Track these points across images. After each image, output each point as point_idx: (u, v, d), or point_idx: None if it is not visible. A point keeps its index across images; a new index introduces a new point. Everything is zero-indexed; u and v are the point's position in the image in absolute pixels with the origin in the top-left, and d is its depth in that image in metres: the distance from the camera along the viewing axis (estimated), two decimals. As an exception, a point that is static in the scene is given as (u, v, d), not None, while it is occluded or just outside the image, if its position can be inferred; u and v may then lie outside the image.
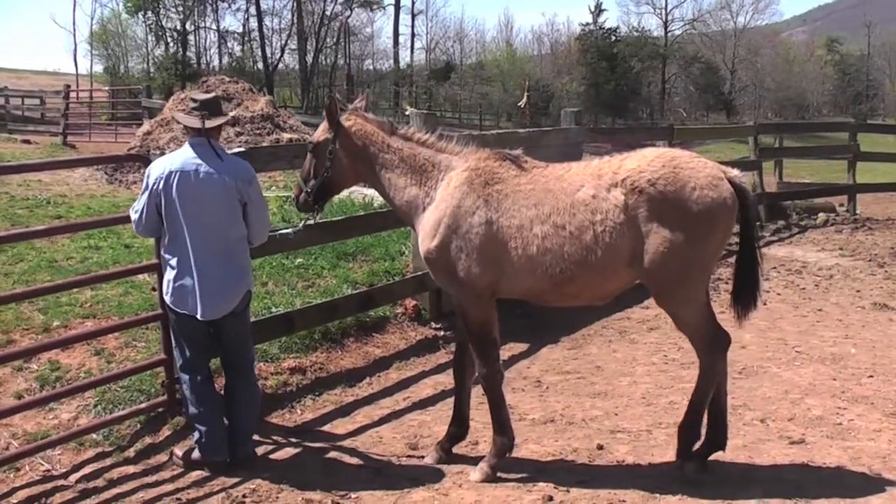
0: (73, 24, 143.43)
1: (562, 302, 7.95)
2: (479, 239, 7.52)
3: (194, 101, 8.22)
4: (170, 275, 7.92)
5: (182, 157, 7.93)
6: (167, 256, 7.93)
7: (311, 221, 8.73)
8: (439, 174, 7.92)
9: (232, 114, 9.37)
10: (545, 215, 7.38)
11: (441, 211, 7.69)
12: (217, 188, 7.86)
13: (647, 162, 7.32)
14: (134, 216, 8.02)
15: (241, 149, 9.47)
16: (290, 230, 9.17)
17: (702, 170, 7.27)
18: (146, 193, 7.86)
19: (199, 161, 7.88)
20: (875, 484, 7.52)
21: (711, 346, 7.52)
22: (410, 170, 8.01)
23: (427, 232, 7.79)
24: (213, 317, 7.94)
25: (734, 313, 7.93)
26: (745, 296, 7.90)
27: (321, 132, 8.28)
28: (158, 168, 7.86)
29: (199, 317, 7.87)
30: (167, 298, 7.97)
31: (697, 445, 7.80)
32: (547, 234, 7.35)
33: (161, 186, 7.77)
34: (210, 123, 8.06)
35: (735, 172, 7.46)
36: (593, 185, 7.34)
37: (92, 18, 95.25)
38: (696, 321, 7.49)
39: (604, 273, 7.38)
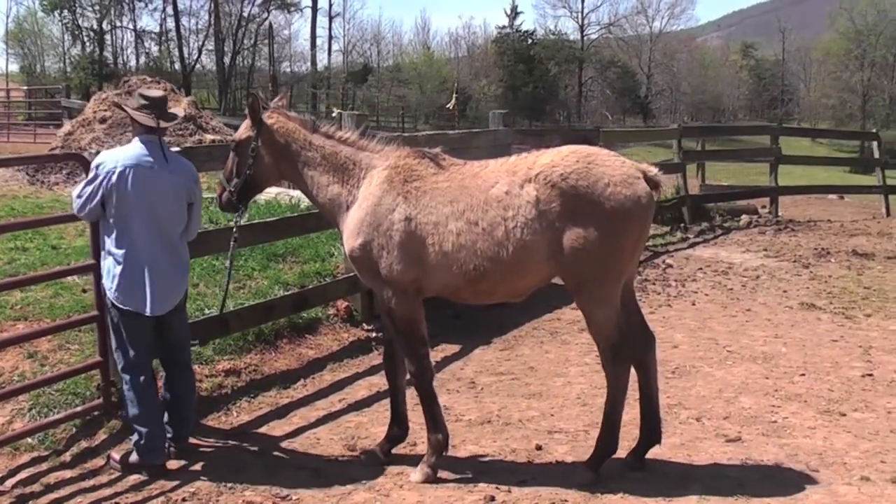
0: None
1: (477, 299, 7.95)
2: (399, 236, 7.53)
3: (145, 98, 8.15)
4: (115, 269, 7.81)
5: (133, 152, 7.89)
6: (114, 251, 7.82)
7: (235, 224, 8.76)
8: (361, 172, 7.92)
9: (182, 114, 9.32)
10: (459, 212, 7.39)
11: (363, 209, 7.69)
12: (169, 186, 7.91)
13: (562, 157, 7.30)
14: (77, 201, 7.92)
15: (177, 148, 9.39)
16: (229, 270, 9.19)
17: (618, 167, 7.24)
18: (94, 183, 7.78)
19: (151, 158, 7.87)
20: (813, 480, 7.61)
21: (615, 357, 7.44)
22: (332, 167, 8.00)
23: (351, 231, 7.79)
24: (161, 311, 7.91)
25: None
26: None
27: (243, 130, 8.27)
28: (110, 161, 7.79)
29: (148, 312, 7.82)
30: (112, 295, 7.86)
31: (637, 444, 7.87)
32: (461, 231, 7.36)
33: (114, 179, 7.71)
34: (164, 123, 8.10)
35: (654, 170, 7.44)
36: (507, 181, 7.34)
37: (7, 16, 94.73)
38: (607, 326, 7.41)
39: (516, 270, 7.37)
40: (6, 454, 8.21)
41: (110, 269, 7.88)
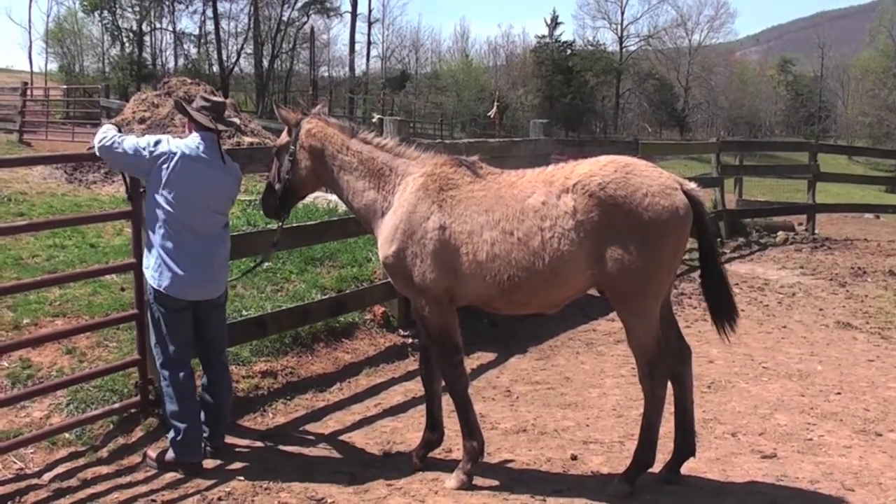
0: (29, 21, 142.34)
1: (511, 309, 7.92)
2: (433, 244, 7.52)
3: (206, 100, 8.35)
4: (163, 256, 7.90)
5: (193, 144, 8.07)
6: (162, 239, 7.90)
7: (279, 229, 8.97)
8: (397, 179, 7.93)
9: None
10: (495, 221, 7.37)
11: (398, 216, 7.70)
12: (223, 182, 8.12)
13: (600, 167, 7.27)
14: (116, 139, 8.01)
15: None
16: (254, 267, 9.39)
17: (656, 178, 7.22)
18: (150, 147, 7.89)
19: (209, 155, 8.05)
20: (849, 499, 7.57)
21: (652, 372, 7.40)
22: (369, 173, 8.02)
23: (385, 238, 7.81)
24: (203, 297, 8.06)
25: (719, 330, 7.86)
26: (725, 308, 7.86)
27: (283, 136, 8.35)
28: (172, 144, 7.98)
29: (192, 298, 8.00)
30: (157, 283, 7.93)
31: (671, 458, 7.87)
32: (495, 241, 7.33)
33: (171, 163, 7.86)
34: (222, 127, 8.27)
35: (692, 185, 7.41)
36: (544, 191, 7.31)
37: (48, 16, 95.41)
38: (646, 339, 7.36)
39: (552, 280, 7.33)
40: (44, 448, 8.27)
41: (156, 260, 7.94)
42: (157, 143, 7.95)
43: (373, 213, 8.03)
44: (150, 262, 8.04)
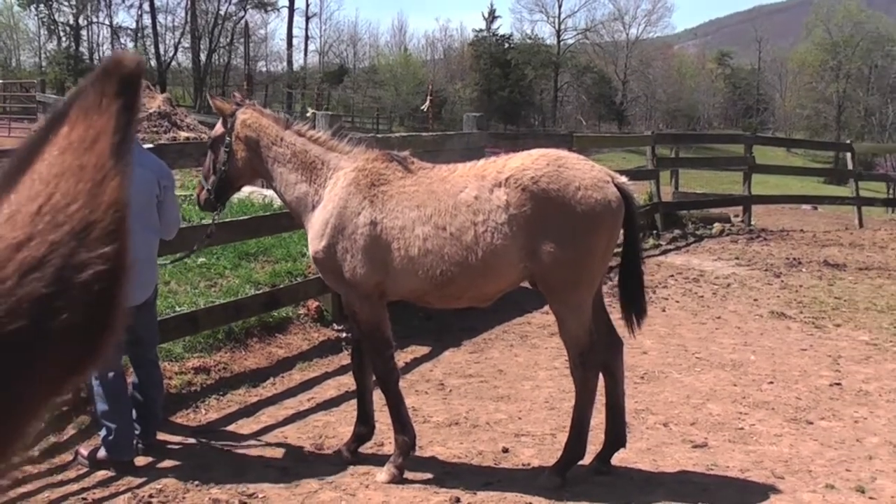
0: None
1: (443, 303, 7.99)
2: (363, 240, 7.51)
3: None
4: None
5: None
6: None
7: (213, 222, 8.90)
8: (328, 172, 7.91)
9: (149, 110, 9.39)
10: (427, 216, 7.37)
11: (328, 211, 7.69)
12: (137, 179, 7.82)
13: (532, 160, 7.30)
14: None
15: (150, 145, 9.40)
16: (187, 254, 9.20)
17: (588, 171, 7.26)
18: None
19: None
20: (778, 487, 7.64)
21: (584, 362, 7.43)
22: (301, 166, 8.00)
23: (315, 232, 7.80)
24: (131, 303, 7.86)
25: (626, 323, 7.93)
26: (634, 304, 7.90)
27: (218, 127, 8.33)
28: None
29: None
30: None
31: (603, 448, 7.90)
32: (428, 236, 7.34)
33: None
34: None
35: (622, 179, 7.47)
36: (476, 185, 7.33)
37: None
38: (577, 331, 7.39)
39: (485, 274, 7.35)
40: (-28, 448, 8.17)
41: None
42: None
43: (304, 207, 8.00)
44: None
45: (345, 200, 7.61)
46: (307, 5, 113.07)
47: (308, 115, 13.26)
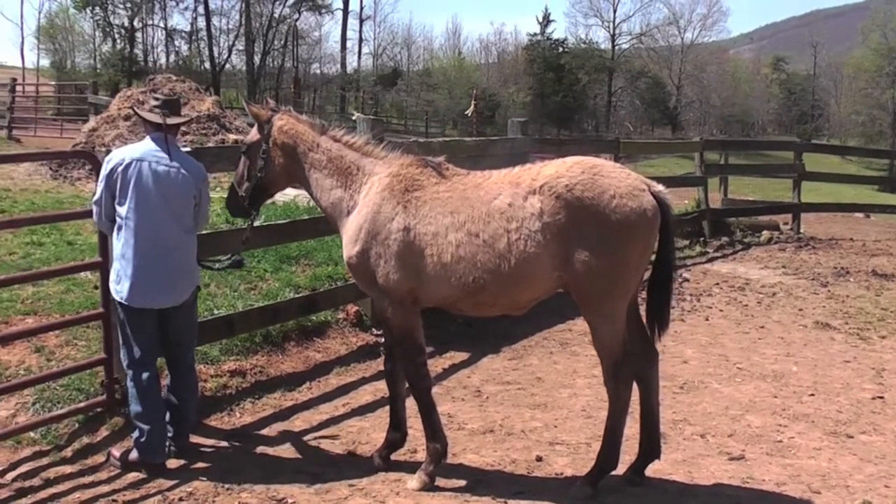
0: (21, 17, 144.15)
1: (477, 311, 7.88)
2: (396, 246, 7.48)
3: (156, 98, 8.35)
4: (123, 266, 7.87)
5: (143, 148, 8.02)
6: (121, 248, 7.87)
7: (248, 227, 8.86)
8: (363, 178, 7.90)
9: (191, 115, 9.39)
10: (460, 223, 7.32)
11: (362, 216, 7.67)
12: (177, 182, 7.99)
13: (567, 168, 7.22)
14: (95, 208, 8.11)
15: (188, 148, 9.40)
16: (220, 263, 9.09)
17: (623, 179, 7.16)
18: (103, 183, 7.92)
19: (160, 154, 7.97)
20: (814, 502, 7.55)
21: (615, 373, 7.35)
22: (337, 171, 7.99)
23: (349, 237, 7.79)
24: (166, 304, 7.98)
25: (651, 332, 7.76)
26: (657, 316, 7.74)
27: (254, 133, 8.32)
28: (118, 157, 7.93)
29: (153, 305, 7.91)
30: (118, 292, 7.90)
31: (636, 460, 7.82)
32: (461, 242, 7.29)
33: (119, 173, 7.83)
34: (171, 121, 8.18)
35: (659, 187, 7.35)
36: (510, 192, 7.26)
37: (39, 12, 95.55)
38: (610, 341, 7.31)
39: (518, 282, 7.29)
40: (8, 448, 8.23)
41: (116, 266, 7.92)
42: (105, 164, 7.98)
43: (339, 212, 7.99)
44: (112, 272, 8.01)
45: (379, 206, 7.58)
46: (361, 7, 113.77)
47: (353, 118, 13.17)
